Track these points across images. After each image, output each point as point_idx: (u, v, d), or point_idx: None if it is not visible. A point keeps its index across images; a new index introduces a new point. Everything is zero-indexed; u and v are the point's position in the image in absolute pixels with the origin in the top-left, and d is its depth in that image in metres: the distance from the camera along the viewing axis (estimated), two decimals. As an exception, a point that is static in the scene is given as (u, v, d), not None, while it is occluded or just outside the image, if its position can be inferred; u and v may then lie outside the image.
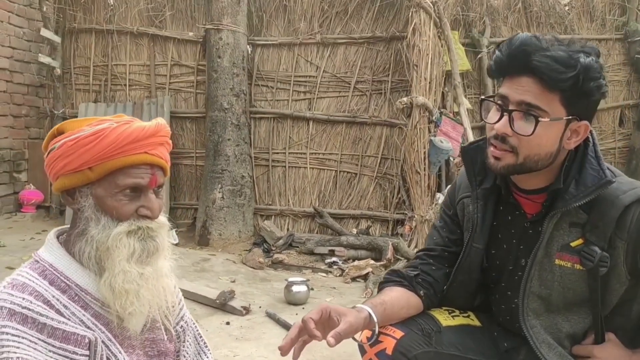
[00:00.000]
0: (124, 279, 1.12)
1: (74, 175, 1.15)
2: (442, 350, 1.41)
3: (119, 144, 1.12)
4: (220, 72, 4.92)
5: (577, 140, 1.28)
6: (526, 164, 1.27)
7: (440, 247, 1.51)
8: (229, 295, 3.25)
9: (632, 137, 5.56)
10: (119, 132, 1.13)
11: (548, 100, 1.21)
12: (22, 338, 1.05)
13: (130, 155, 1.14)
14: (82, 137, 1.12)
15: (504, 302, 1.45)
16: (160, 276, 1.19)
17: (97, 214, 1.14)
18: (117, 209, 1.14)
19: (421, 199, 4.58)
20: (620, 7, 5.51)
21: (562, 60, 1.18)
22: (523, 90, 1.22)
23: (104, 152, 1.12)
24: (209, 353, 1.46)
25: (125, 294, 1.12)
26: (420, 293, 1.46)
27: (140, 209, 1.16)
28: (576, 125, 1.25)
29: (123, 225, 1.14)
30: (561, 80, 1.18)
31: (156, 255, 1.18)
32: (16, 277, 1.13)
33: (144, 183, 1.15)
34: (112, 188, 1.14)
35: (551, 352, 1.33)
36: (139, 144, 1.14)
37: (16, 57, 5.34)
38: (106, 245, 1.12)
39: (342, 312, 1.29)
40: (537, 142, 1.24)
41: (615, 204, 1.26)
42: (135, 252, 1.14)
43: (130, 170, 1.14)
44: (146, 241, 1.16)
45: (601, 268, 1.27)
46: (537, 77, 1.20)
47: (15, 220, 5.17)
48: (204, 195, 4.96)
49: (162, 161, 1.19)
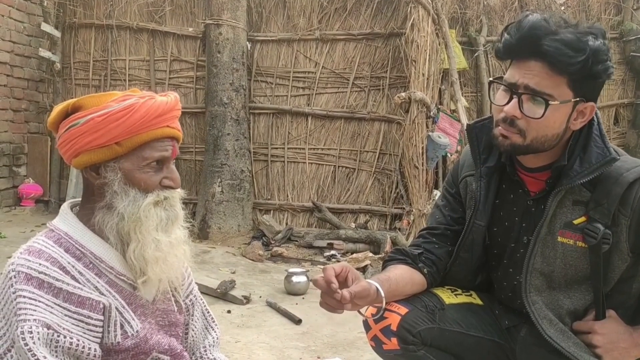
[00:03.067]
0: (155, 247, 1.17)
1: (100, 150, 1.16)
2: (445, 327, 1.44)
3: (148, 118, 1.16)
4: (220, 67, 4.94)
5: (583, 120, 1.30)
6: (533, 145, 1.29)
7: (442, 225, 1.53)
8: (230, 285, 3.28)
9: (627, 136, 5.62)
10: (148, 106, 1.16)
11: (556, 84, 1.23)
12: (38, 302, 1.08)
13: (156, 129, 1.18)
14: (113, 112, 1.14)
15: (506, 279, 1.47)
16: (179, 242, 1.24)
17: (125, 187, 1.17)
18: (145, 181, 1.18)
19: (419, 193, 4.62)
20: (615, 7, 5.57)
21: (571, 44, 1.19)
22: (532, 74, 1.23)
23: (133, 126, 1.14)
24: (216, 328, 1.49)
25: (155, 262, 1.17)
26: (424, 271, 1.48)
27: (164, 180, 1.20)
28: (583, 106, 1.27)
29: (151, 196, 1.18)
30: (571, 65, 1.20)
31: (176, 224, 1.23)
32: (32, 244, 1.16)
33: (167, 155, 1.20)
34: (139, 161, 1.17)
35: (552, 327, 1.35)
36: (163, 118, 1.19)
37: (16, 52, 5.35)
38: (137, 216, 1.16)
39: (358, 277, 1.33)
40: (546, 124, 1.26)
41: (620, 181, 1.28)
42: (162, 221, 1.19)
43: (156, 143, 1.18)
44: (169, 210, 1.20)
45: (604, 245, 1.29)
46: (547, 61, 1.21)
47: (14, 214, 5.18)
48: (203, 189, 4.99)
49: (179, 133, 1.24)
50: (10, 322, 1.09)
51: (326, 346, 2.62)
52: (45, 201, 5.52)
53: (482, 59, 5.27)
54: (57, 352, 1.07)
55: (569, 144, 1.33)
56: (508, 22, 5.36)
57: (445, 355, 1.44)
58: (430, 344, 1.42)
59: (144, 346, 1.21)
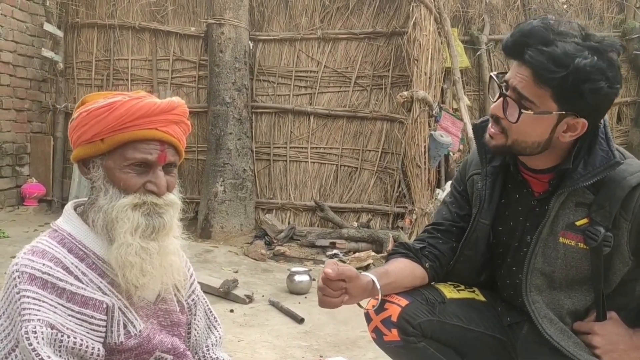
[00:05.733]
0: (126, 251, 1.13)
1: (88, 146, 1.18)
2: (445, 320, 1.45)
3: (129, 118, 1.14)
4: (222, 66, 4.95)
5: (573, 135, 1.28)
6: (514, 147, 1.31)
7: (448, 221, 1.54)
8: (233, 284, 3.28)
9: (630, 134, 5.60)
10: (129, 105, 1.15)
11: (539, 94, 1.23)
12: (42, 302, 1.08)
13: (140, 130, 1.15)
14: (94, 108, 1.15)
15: (508, 277, 1.48)
16: (167, 253, 1.20)
17: (107, 185, 1.17)
18: (125, 182, 1.16)
19: (421, 192, 4.62)
20: (618, 5, 5.55)
21: (555, 59, 1.19)
22: (520, 79, 1.25)
23: (114, 124, 1.14)
24: (219, 327, 1.49)
25: (129, 267, 1.14)
26: (426, 265, 1.49)
27: (147, 184, 1.17)
28: (573, 121, 1.26)
29: (129, 197, 1.15)
30: (549, 79, 1.20)
31: (163, 232, 1.19)
32: (36, 244, 1.17)
33: (151, 159, 1.17)
34: (121, 161, 1.16)
35: (552, 327, 1.35)
36: (150, 119, 1.16)
37: (19, 52, 5.36)
38: (111, 216, 1.15)
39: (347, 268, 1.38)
40: (523, 130, 1.27)
41: (623, 185, 1.28)
42: (140, 226, 1.15)
43: (140, 144, 1.16)
44: (152, 217, 1.17)
45: (604, 247, 1.30)
46: (531, 70, 1.22)
47: (17, 213, 5.19)
48: (205, 188, 5.00)
49: (172, 139, 1.19)
50: (14, 322, 1.10)
51: (329, 345, 2.62)
52: (48, 201, 5.53)
53: (485, 58, 5.26)
54: (60, 351, 1.08)
55: (575, 148, 1.32)
56: (510, 20, 5.41)
57: (446, 348, 1.45)
58: (430, 337, 1.43)
59: (147, 346, 1.21)
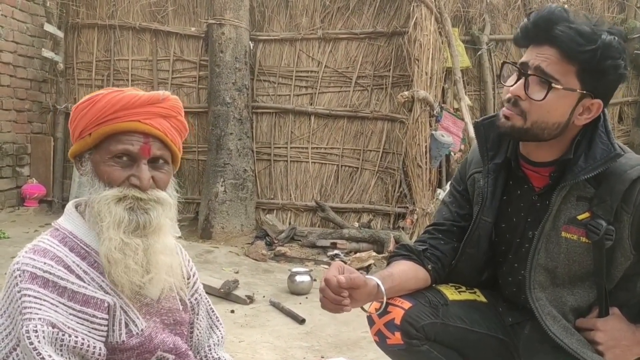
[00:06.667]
0: (107, 246, 1.12)
1: (79, 142, 1.20)
2: (448, 323, 1.44)
3: (109, 110, 1.15)
4: (222, 66, 4.94)
5: (588, 117, 1.30)
6: (532, 129, 1.30)
7: (449, 221, 1.54)
8: (233, 284, 3.27)
9: (632, 134, 5.60)
10: (109, 98, 1.16)
11: (564, 71, 1.25)
12: (43, 300, 1.08)
13: (122, 122, 1.16)
14: (78, 104, 1.19)
15: (511, 274, 1.48)
16: (155, 252, 1.16)
17: (94, 179, 1.17)
18: (108, 174, 1.15)
19: (422, 192, 4.62)
20: (618, 5, 5.55)
21: (584, 34, 1.22)
22: (542, 58, 1.26)
23: (96, 117, 1.15)
24: (221, 327, 1.48)
25: (114, 263, 1.12)
26: (428, 267, 1.48)
27: (131, 177, 1.16)
28: (589, 102, 1.28)
29: (112, 190, 1.14)
30: (579, 52, 1.22)
31: (150, 229, 1.16)
32: (37, 243, 1.16)
33: (133, 150, 1.15)
34: (105, 154, 1.16)
35: (556, 324, 1.35)
36: (131, 112, 1.16)
37: (19, 52, 5.36)
38: (96, 210, 1.14)
39: (352, 271, 1.35)
40: (547, 109, 1.27)
41: (623, 178, 1.29)
42: (123, 221, 1.13)
43: (122, 136, 1.16)
44: (136, 212, 1.14)
45: (606, 241, 1.30)
46: (557, 46, 1.24)
47: (18, 214, 5.19)
48: (206, 189, 4.99)
49: (156, 131, 1.17)
50: (15, 321, 1.09)
51: (330, 346, 2.61)
52: (49, 201, 5.53)
53: (485, 57, 5.25)
54: (62, 350, 1.07)
55: (575, 140, 1.33)
56: (511, 20, 5.41)
57: (449, 351, 1.45)
58: (434, 339, 1.42)
59: (148, 345, 1.20)
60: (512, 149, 1.42)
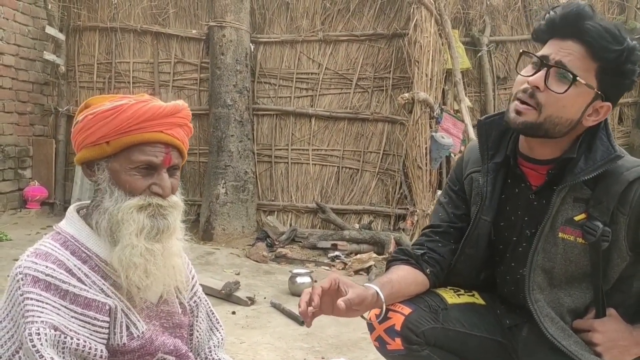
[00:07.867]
0: (131, 252, 1.14)
1: (93, 149, 1.18)
2: (448, 327, 1.44)
3: (135, 120, 1.15)
4: (223, 69, 4.96)
5: (596, 119, 1.31)
6: (545, 124, 1.29)
7: (445, 223, 1.53)
8: (234, 286, 3.28)
9: (631, 135, 5.60)
10: (135, 108, 1.16)
11: (586, 68, 1.25)
12: (45, 304, 1.09)
13: (146, 133, 1.16)
14: (101, 111, 1.16)
15: (509, 273, 1.48)
16: (170, 255, 1.21)
17: (112, 187, 1.18)
18: (130, 184, 1.17)
19: (423, 194, 4.63)
20: (619, 6, 5.55)
21: (613, 33, 1.23)
22: (565, 52, 1.26)
23: (120, 127, 1.15)
24: (221, 329, 1.49)
25: (133, 268, 1.15)
26: (427, 271, 1.48)
27: (153, 186, 1.18)
28: (600, 104, 1.29)
29: (134, 199, 1.16)
30: (607, 51, 1.23)
31: (167, 234, 1.20)
32: (39, 246, 1.17)
33: (157, 161, 1.18)
34: (126, 163, 1.17)
35: (553, 325, 1.35)
36: (155, 122, 1.18)
37: (21, 55, 5.38)
38: (117, 218, 1.16)
39: (350, 285, 1.32)
40: (564, 103, 1.27)
41: (620, 180, 1.29)
42: (145, 228, 1.16)
43: (145, 147, 1.17)
44: (157, 218, 1.18)
45: (603, 242, 1.30)
46: (584, 42, 1.24)
47: (20, 216, 5.20)
48: (207, 190, 5.00)
49: (177, 141, 1.21)
50: (18, 324, 1.10)
51: (330, 347, 2.62)
52: (51, 203, 5.54)
53: (485, 59, 5.27)
54: (64, 353, 1.08)
55: (580, 139, 1.34)
56: (511, 21, 5.41)
57: (449, 355, 1.45)
58: (434, 344, 1.42)
59: (149, 347, 1.22)
60: (511, 147, 1.42)
